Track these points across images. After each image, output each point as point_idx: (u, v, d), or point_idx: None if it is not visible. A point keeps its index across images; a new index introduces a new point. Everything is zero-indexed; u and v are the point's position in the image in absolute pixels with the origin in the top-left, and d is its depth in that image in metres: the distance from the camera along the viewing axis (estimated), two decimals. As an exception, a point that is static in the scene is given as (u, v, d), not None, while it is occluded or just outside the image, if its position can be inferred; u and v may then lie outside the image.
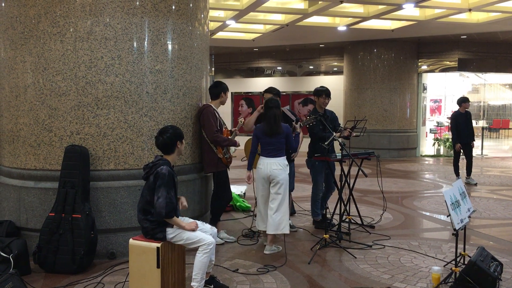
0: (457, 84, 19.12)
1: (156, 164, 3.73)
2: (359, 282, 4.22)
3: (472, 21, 11.03)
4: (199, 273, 3.68)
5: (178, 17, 5.01)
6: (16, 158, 4.92)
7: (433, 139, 15.49)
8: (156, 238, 3.68)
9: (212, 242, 3.70)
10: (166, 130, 3.83)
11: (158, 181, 3.63)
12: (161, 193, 3.61)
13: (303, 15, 10.34)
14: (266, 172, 5.03)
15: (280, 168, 5.02)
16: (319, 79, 15.82)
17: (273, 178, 5.02)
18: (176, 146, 3.85)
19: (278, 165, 5.02)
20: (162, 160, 3.77)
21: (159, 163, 3.73)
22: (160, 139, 3.82)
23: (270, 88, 5.95)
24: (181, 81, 5.07)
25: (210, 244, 3.67)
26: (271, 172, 5.00)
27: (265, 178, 5.06)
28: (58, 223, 4.48)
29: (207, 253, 3.66)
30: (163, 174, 3.64)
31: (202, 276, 3.69)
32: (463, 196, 4.25)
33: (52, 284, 4.18)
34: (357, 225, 6.04)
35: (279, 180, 5.00)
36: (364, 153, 6.01)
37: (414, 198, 8.18)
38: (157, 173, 3.66)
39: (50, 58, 4.65)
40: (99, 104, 4.67)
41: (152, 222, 3.70)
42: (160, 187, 3.63)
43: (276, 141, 5.03)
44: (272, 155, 5.04)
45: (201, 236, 3.69)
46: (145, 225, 3.73)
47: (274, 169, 5.00)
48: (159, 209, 3.60)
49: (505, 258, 4.79)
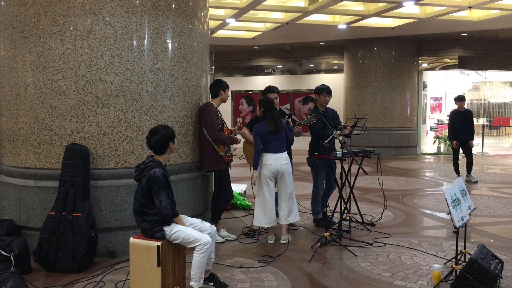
0: (458, 82, 19.11)
1: (148, 166, 3.71)
2: (360, 280, 4.22)
3: (472, 18, 11.02)
4: (197, 273, 3.68)
5: (178, 16, 5.00)
6: (16, 157, 4.92)
7: (434, 137, 15.48)
8: (155, 237, 3.68)
9: (208, 242, 3.69)
10: (158, 131, 3.78)
11: (155, 186, 3.64)
12: (162, 197, 3.65)
13: (303, 13, 10.33)
14: (275, 167, 5.26)
15: (287, 162, 5.36)
16: (319, 77, 15.80)
17: (282, 172, 5.28)
18: (168, 146, 3.83)
19: (286, 160, 5.34)
20: (154, 162, 3.74)
21: (151, 165, 3.70)
22: (152, 140, 3.78)
23: (272, 87, 5.90)
24: (181, 79, 5.07)
25: (206, 244, 3.66)
26: (281, 167, 5.27)
27: (274, 173, 5.28)
28: (59, 221, 4.48)
29: (203, 252, 3.65)
30: (158, 178, 3.63)
31: (200, 275, 3.70)
32: (464, 194, 4.25)
33: (53, 282, 4.18)
34: (358, 223, 6.03)
35: (289, 173, 5.35)
36: (364, 151, 6.01)
37: (414, 196, 8.18)
38: (151, 177, 3.65)
39: (50, 57, 4.65)
40: (99, 102, 4.67)
41: (150, 222, 3.70)
42: (158, 191, 3.64)
43: (279, 137, 5.28)
44: (279, 151, 5.28)
45: (197, 236, 3.68)
46: (143, 226, 3.74)
47: (283, 163, 5.29)
48: (165, 211, 3.64)
49: (505, 256, 4.79)
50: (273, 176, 5.31)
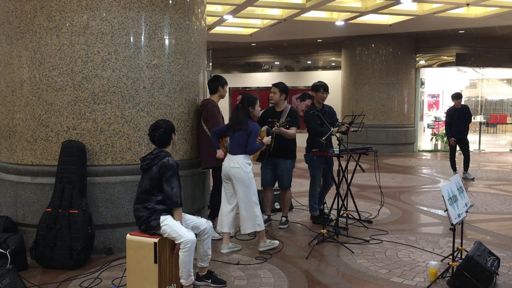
0: (455, 79, 19.13)
1: (158, 156, 3.78)
2: (357, 277, 4.22)
3: (470, 15, 11.02)
4: (183, 271, 3.66)
5: (175, 12, 4.98)
6: (12, 154, 4.90)
7: (431, 134, 15.51)
8: (150, 226, 3.68)
9: (190, 241, 3.61)
10: (159, 125, 3.86)
11: (168, 172, 3.71)
12: (174, 183, 3.71)
13: (301, 10, 10.31)
14: (225, 168, 4.88)
15: (238, 167, 4.79)
16: (316, 74, 15.79)
17: (232, 177, 4.83)
18: (171, 138, 3.92)
19: (236, 164, 4.80)
20: (164, 152, 3.83)
21: (162, 155, 3.79)
22: (156, 135, 3.85)
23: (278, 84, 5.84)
24: (178, 76, 5.05)
25: (188, 242, 3.59)
26: (230, 170, 4.83)
27: (225, 175, 4.91)
28: (55, 218, 4.47)
29: (186, 251, 3.60)
30: (172, 165, 3.73)
31: (188, 273, 3.67)
32: (461, 191, 4.25)
33: (49, 279, 4.17)
34: (355, 220, 6.04)
35: (239, 179, 4.81)
36: (361, 148, 6.01)
37: (411, 193, 8.19)
38: (165, 164, 3.72)
39: (46, 52, 4.63)
40: (96, 99, 4.65)
41: (149, 210, 3.72)
42: (171, 178, 3.71)
43: (236, 137, 4.86)
44: (232, 152, 4.89)
45: (181, 233, 3.64)
46: (140, 214, 3.74)
47: (231, 167, 4.81)
48: (175, 197, 3.69)
49: (502, 252, 4.80)
50: (226, 178, 4.93)
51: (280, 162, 5.75)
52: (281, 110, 5.76)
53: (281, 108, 5.77)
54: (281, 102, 5.78)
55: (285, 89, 5.76)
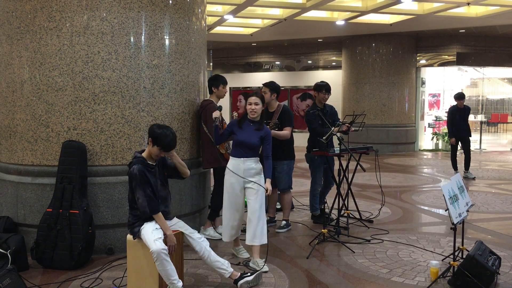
0: (456, 79, 19.11)
1: (131, 163, 3.76)
2: (358, 277, 4.22)
3: (470, 15, 11.01)
4: (165, 280, 3.61)
5: (175, 12, 4.98)
6: (13, 154, 4.90)
7: (432, 134, 15.49)
8: (134, 232, 3.69)
9: (155, 252, 3.49)
10: (168, 127, 3.80)
11: (133, 183, 3.68)
12: (139, 194, 3.65)
13: (301, 10, 10.31)
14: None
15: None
16: (317, 73, 15.78)
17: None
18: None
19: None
20: (135, 158, 3.76)
21: (133, 162, 3.74)
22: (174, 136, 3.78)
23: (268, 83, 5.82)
24: (179, 76, 5.05)
25: (154, 253, 3.51)
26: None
27: None
28: (56, 218, 4.47)
29: (156, 261, 3.53)
30: (135, 175, 3.66)
31: (170, 281, 3.59)
32: (461, 190, 4.24)
33: (50, 279, 4.17)
34: (356, 220, 6.03)
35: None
36: (362, 148, 6.00)
37: (412, 192, 8.18)
38: (130, 174, 3.70)
39: (46, 53, 4.63)
40: (96, 99, 4.65)
41: (135, 216, 3.74)
42: (136, 188, 3.66)
43: None
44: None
45: (149, 243, 3.56)
46: (129, 219, 3.78)
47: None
48: (142, 208, 3.66)
49: (503, 252, 4.80)
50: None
51: (277, 164, 5.59)
52: (274, 110, 5.64)
53: (274, 108, 5.64)
54: (272, 101, 5.62)
55: (276, 88, 5.61)
